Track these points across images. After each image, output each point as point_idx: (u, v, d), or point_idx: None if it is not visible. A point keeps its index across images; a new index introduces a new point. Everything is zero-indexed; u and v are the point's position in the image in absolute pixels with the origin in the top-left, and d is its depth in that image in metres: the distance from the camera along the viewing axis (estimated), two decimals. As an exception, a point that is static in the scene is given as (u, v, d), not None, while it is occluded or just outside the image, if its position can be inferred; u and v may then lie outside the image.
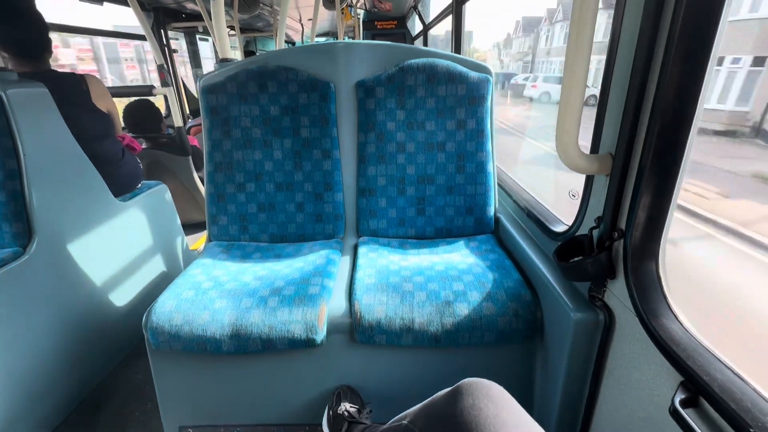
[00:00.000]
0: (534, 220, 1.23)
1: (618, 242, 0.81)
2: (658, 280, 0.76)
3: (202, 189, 2.75)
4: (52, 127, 1.37)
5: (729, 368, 0.61)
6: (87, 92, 1.57)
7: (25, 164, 1.26)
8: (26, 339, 1.25)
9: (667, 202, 0.72)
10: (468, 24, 2.68)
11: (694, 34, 0.62)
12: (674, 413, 0.61)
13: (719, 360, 0.63)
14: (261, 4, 3.93)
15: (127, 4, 2.54)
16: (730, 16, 0.61)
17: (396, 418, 0.73)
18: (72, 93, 1.52)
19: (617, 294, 0.83)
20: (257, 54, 1.53)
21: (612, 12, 0.78)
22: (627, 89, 0.74)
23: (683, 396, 0.62)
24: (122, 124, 2.49)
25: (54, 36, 1.58)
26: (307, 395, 1.15)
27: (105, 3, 2.78)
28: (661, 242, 0.74)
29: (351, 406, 1.05)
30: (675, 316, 0.72)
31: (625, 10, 0.75)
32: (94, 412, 1.44)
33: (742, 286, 2.63)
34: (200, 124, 3.58)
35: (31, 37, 1.45)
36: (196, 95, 3.94)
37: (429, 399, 0.69)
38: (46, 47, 1.50)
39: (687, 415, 0.60)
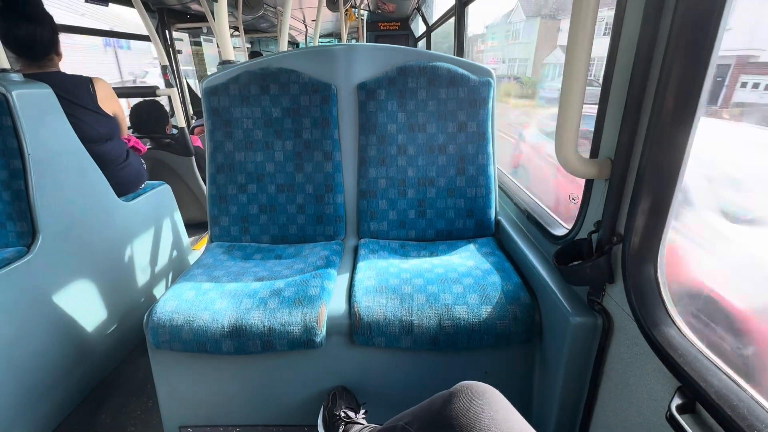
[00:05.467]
0: (534, 223, 1.24)
1: (617, 247, 0.81)
2: (656, 285, 0.76)
3: (205, 189, 2.77)
4: (57, 128, 1.38)
5: (726, 375, 0.61)
6: (93, 94, 1.59)
7: (30, 164, 1.28)
8: (30, 337, 1.26)
9: (665, 207, 0.72)
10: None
11: (693, 38, 0.62)
12: (671, 419, 0.61)
13: (716, 366, 0.63)
14: (265, 5, 3.95)
15: (131, 5, 2.56)
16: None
17: (392, 419, 0.74)
18: (78, 94, 1.53)
19: (616, 298, 0.83)
20: (264, 55, 1.54)
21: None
22: (626, 94, 0.75)
23: (680, 402, 0.62)
24: (128, 124, 2.51)
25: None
26: (306, 396, 1.16)
27: (110, 4, 2.80)
28: (660, 247, 0.74)
29: (347, 407, 1.05)
30: (673, 321, 0.72)
31: (625, 14, 0.75)
32: (96, 409, 1.45)
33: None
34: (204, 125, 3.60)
35: (38, 39, 1.46)
36: (199, 95, 3.95)
37: (425, 401, 0.69)
38: (53, 48, 1.51)
39: (683, 421, 0.60)
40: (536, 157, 3.09)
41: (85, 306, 1.48)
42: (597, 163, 0.82)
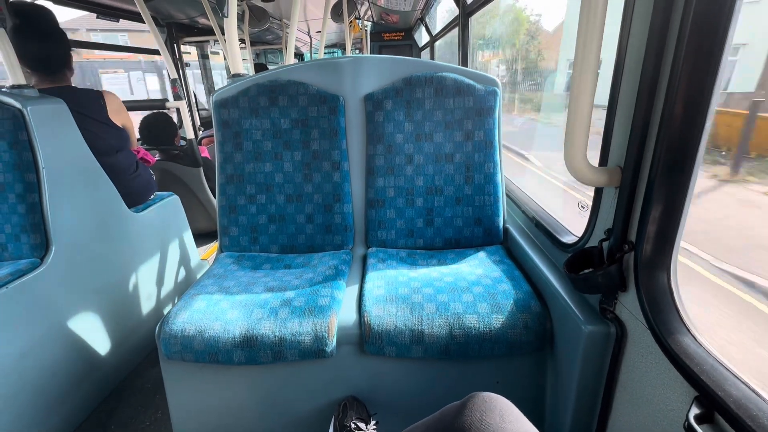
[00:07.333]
0: (543, 231, 1.23)
1: (628, 255, 0.81)
2: (669, 292, 0.75)
3: (213, 200, 2.79)
4: (70, 141, 1.41)
5: (744, 383, 0.60)
6: (104, 107, 1.62)
7: (44, 177, 1.30)
8: (41, 348, 1.27)
9: (677, 214, 0.72)
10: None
11: (702, 45, 0.62)
12: (689, 429, 0.60)
13: (734, 375, 0.62)
14: (271, 18, 4.01)
15: (141, 21, 2.61)
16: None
17: (405, 430, 0.73)
18: (90, 108, 1.57)
19: (629, 307, 0.83)
20: (268, 67, 1.57)
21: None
22: (635, 101, 0.75)
23: (698, 411, 0.62)
24: (138, 136, 2.55)
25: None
26: (316, 406, 1.15)
27: (121, 20, 2.86)
28: (673, 255, 0.74)
29: (358, 418, 1.04)
30: (688, 329, 0.72)
31: (633, 21, 0.76)
32: (105, 421, 1.45)
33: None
34: (211, 136, 3.65)
35: (54, 54, 1.51)
36: (207, 107, 4.02)
37: (438, 412, 0.69)
38: (66, 64, 1.56)
39: (702, 431, 0.59)
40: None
41: (95, 317, 1.50)
42: (607, 171, 0.83)
